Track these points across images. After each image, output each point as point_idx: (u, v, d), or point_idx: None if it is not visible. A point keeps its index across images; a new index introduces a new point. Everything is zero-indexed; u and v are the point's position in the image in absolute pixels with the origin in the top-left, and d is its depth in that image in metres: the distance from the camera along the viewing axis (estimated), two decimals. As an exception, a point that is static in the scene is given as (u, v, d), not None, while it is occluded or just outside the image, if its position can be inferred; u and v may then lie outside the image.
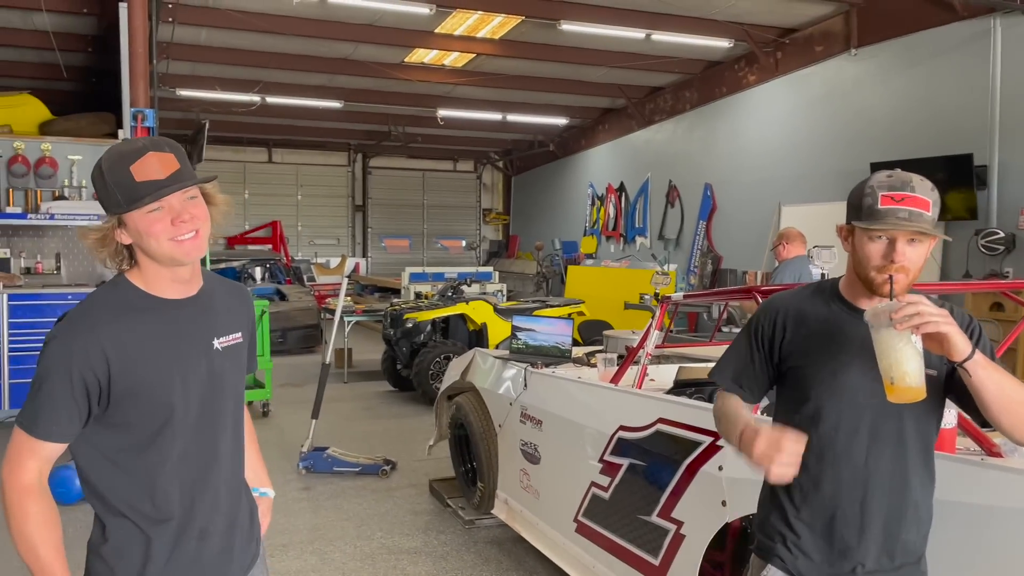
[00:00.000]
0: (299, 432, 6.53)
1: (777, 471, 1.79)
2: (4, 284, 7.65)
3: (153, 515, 1.78)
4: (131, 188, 1.68)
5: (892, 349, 1.73)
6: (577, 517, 3.85)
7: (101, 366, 1.68)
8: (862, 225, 1.86)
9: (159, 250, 1.72)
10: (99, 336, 1.68)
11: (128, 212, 1.70)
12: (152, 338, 1.74)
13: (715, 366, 2.18)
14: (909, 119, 10.07)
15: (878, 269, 1.86)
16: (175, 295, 1.81)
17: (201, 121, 13.71)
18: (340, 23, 11.40)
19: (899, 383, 1.73)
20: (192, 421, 1.80)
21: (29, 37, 11.01)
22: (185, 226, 1.71)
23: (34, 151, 8.23)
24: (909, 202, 1.82)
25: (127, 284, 1.78)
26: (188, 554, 1.81)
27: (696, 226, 14.45)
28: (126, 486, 1.77)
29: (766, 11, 11.05)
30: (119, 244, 1.75)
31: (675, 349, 5.20)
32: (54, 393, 1.68)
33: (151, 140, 1.74)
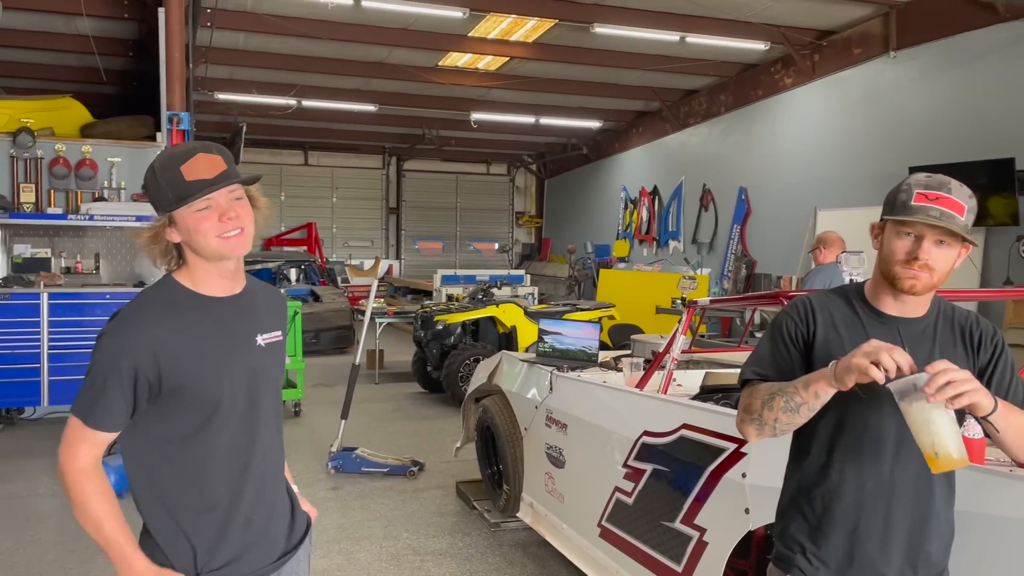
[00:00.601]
0: (329, 432, 6.59)
1: (896, 355, 1.65)
2: (45, 283, 7.82)
3: (200, 505, 1.86)
4: (181, 186, 1.78)
5: (929, 424, 1.66)
6: (601, 522, 3.83)
7: (151, 362, 1.77)
8: (892, 218, 1.84)
9: (207, 246, 1.81)
10: (149, 333, 1.78)
11: (178, 209, 1.80)
12: (199, 334, 1.84)
13: (745, 364, 2.06)
14: (949, 122, 9.88)
15: (902, 264, 1.83)
16: (221, 293, 1.90)
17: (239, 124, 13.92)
18: (375, 27, 11.50)
19: (944, 458, 1.67)
20: (237, 413, 1.88)
21: (71, 41, 11.26)
22: (231, 223, 1.81)
23: (75, 153, 8.42)
24: (943, 202, 1.79)
25: (175, 283, 1.88)
26: (234, 543, 1.89)
27: (730, 230, 14.32)
28: (176, 478, 1.85)
29: (803, 13, 10.92)
30: (169, 243, 1.85)
31: (704, 354, 5.15)
32: (107, 386, 1.77)
33: (201, 143, 1.85)
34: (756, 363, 2.01)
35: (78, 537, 4.89)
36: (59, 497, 5.67)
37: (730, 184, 14.35)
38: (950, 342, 1.93)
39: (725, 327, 11.84)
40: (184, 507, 1.85)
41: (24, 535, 4.99)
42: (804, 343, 1.96)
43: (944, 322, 1.95)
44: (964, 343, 1.94)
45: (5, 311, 7.57)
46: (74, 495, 1.79)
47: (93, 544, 1.85)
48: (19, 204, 8.15)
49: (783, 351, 1.97)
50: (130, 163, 8.56)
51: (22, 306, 7.63)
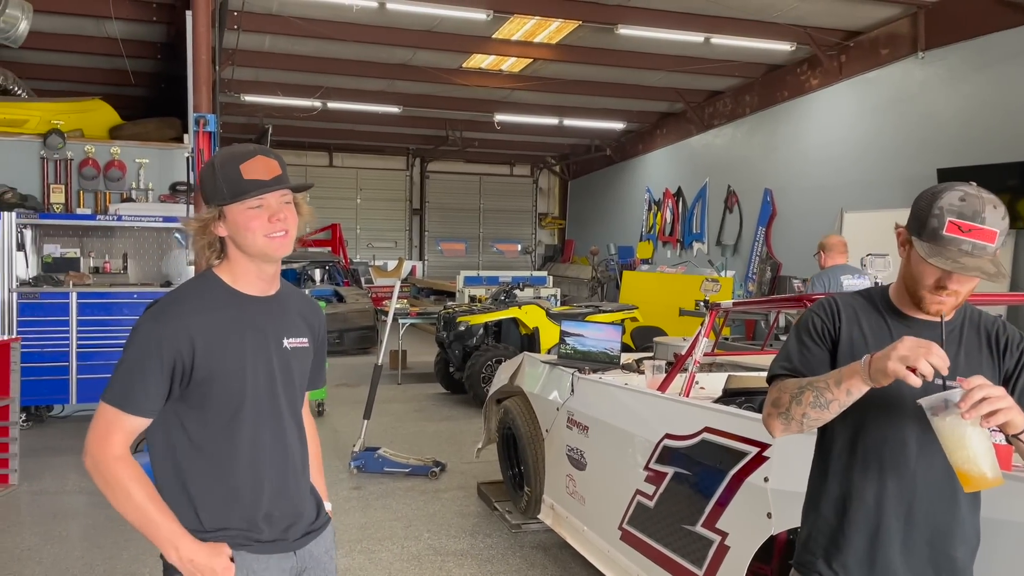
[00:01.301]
0: (352, 432, 6.62)
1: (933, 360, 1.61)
2: (74, 283, 7.94)
3: (227, 498, 1.89)
4: (238, 183, 1.86)
5: (964, 440, 1.63)
6: (622, 525, 3.82)
7: (187, 349, 1.82)
8: (921, 251, 1.78)
9: (253, 244, 1.88)
10: (187, 323, 1.84)
11: (231, 204, 1.87)
12: (231, 329, 1.89)
13: (772, 363, 2.02)
14: (979, 124, 9.74)
15: (929, 290, 1.81)
16: (257, 292, 1.96)
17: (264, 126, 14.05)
18: (399, 29, 11.56)
19: (979, 477, 1.64)
20: (261, 410, 1.93)
21: (101, 44, 11.44)
22: (279, 224, 1.88)
23: (104, 154, 8.54)
24: (975, 234, 1.74)
25: (215, 278, 1.95)
26: (258, 535, 1.92)
27: (755, 232, 14.22)
28: (201, 472, 1.89)
29: (829, 13, 10.82)
30: (215, 235, 1.92)
31: (727, 357, 5.12)
32: (145, 371, 1.82)
33: (261, 147, 1.94)
34: (784, 359, 1.99)
35: (105, 533, 4.95)
36: (86, 494, 5.75)
37: (755, 186, 14.25)
38: (976, 346, 1.91)
39: (749, 330, 11.75)
40: (208, 502, 1.89)
41: (52, 531, 5.07)
42: (831, 339, 1.94)
43: (970, 327, 1.93)
44: (990, 348, 1.92)
45: (35, 310, 7.70)
46: (112, 482, 1.80)
47: (119, 541, 1.87)
48: (49, 205, 8.28)
49: (811, 347, 1.95)
50: (158, 164, 8.67)
51: (51, 305, 7.76)
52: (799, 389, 1.82)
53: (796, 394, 1.82)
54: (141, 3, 10.14)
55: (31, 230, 8.15)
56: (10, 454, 5.92)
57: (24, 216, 7.83)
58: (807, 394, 1.79)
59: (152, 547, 1.92)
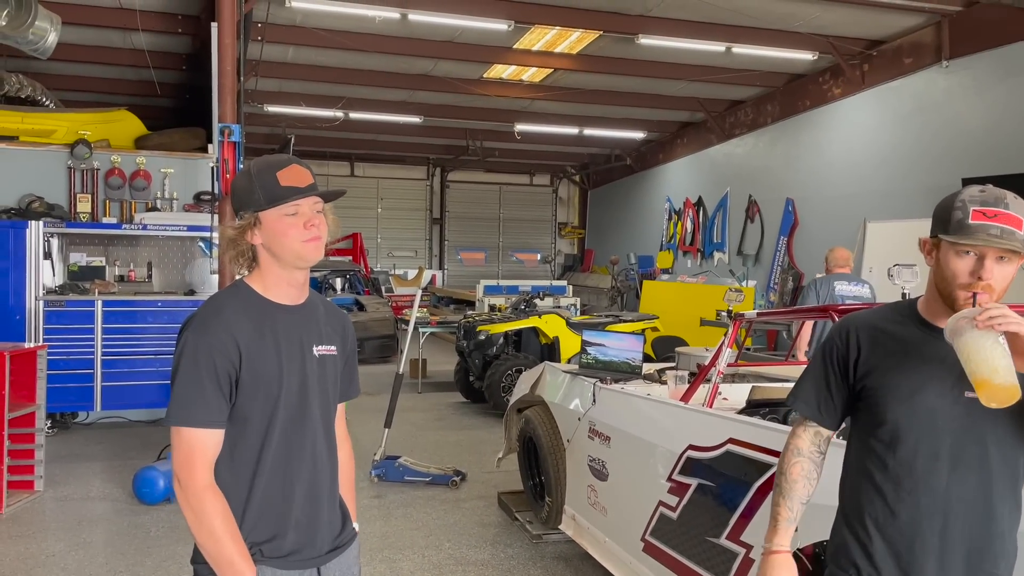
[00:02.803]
0: (372, 440, 6.63)
1: None
2: (99, 291, 8.03)
3: (259, 505, 1.92)
4: (275, 190, 1.92)
5: (979, 349, 1.66)
6: (645, 536, 3.79)
7: (236, 355, 1.88)
8: (950, 239, 1.78)
9: (290, 249, 1.93)
10: (231, 329, 1.89)
11: (267, 211, 1.92)
12: (268, 337, 1.94)
13: (792, 391, 2.12)
14: (1005, 133, 9.63)
15: (963, 287, 1.78)
16: (287, 301, 2.01)
17: (287, 136, 14.19)
18: (420, 40, 11.62)
19: (990, 380, 1.65)
20: (293, 416, 1.96)
21: (127, 56, 11.59)
22: (314, 230, 1.94)
23: (129, 164, 8.64)
24: (1002, 219, 1.74)
25: (247, 287, 2.00)
26: (288, 543, 1.95)
27: (777, 242, 14.12)
28: (234, 478, 1.91)
29: (852, 22, 10.76)
30: (249, 243, 1.96)
31: (750, 368, 5.08)
32: (202, 383, 1.85)
33: (295, 157, 2.00)
34: (798, 386, 2.10)
35: (129, 540, 4.99)
36: (111, 500, 5.81)
37: (777, 195, 14.16)
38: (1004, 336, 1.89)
39: (771, 340, 11.67)
40: (240, 507, 1.91)
41: (76, 537, 5.11)
42: (844, 366, 1.99)
43: None
44: None
45: (61, 318, 7.79)
46: (197, 514, 1.84)
47: (143, 548, 1.90)
48: (76, 214, 8.39)
49: (821, 377, 2.03)
50: (182, 174, 8.76)
51: (77, 313, 7.85)
52: (782, 476, 2.07)
53: (780, 470, 2.07)
54: (167, 15, 10.27)
55: (57, 239, 8.26)
56: (35, 460, 5.98)
57: (51, 225, 7.93)
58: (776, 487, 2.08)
59: (176, 554, 1.94)
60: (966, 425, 1.81)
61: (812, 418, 2.04)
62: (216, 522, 1.84)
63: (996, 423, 1.83)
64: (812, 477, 2.04)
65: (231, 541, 1.85)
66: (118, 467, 6.59)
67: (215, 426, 1.87)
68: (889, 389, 1.90)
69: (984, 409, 1.73)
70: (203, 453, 1.86)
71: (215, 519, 1.84)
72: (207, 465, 1.87)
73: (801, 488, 2.03)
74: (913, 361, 1.88)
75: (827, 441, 2.06)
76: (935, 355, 1.84)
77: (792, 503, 2.03)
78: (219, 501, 1.86)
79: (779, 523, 2.04)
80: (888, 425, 1.89)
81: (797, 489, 2.03)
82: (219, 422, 1.88)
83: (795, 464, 2.04)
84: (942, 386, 1.82)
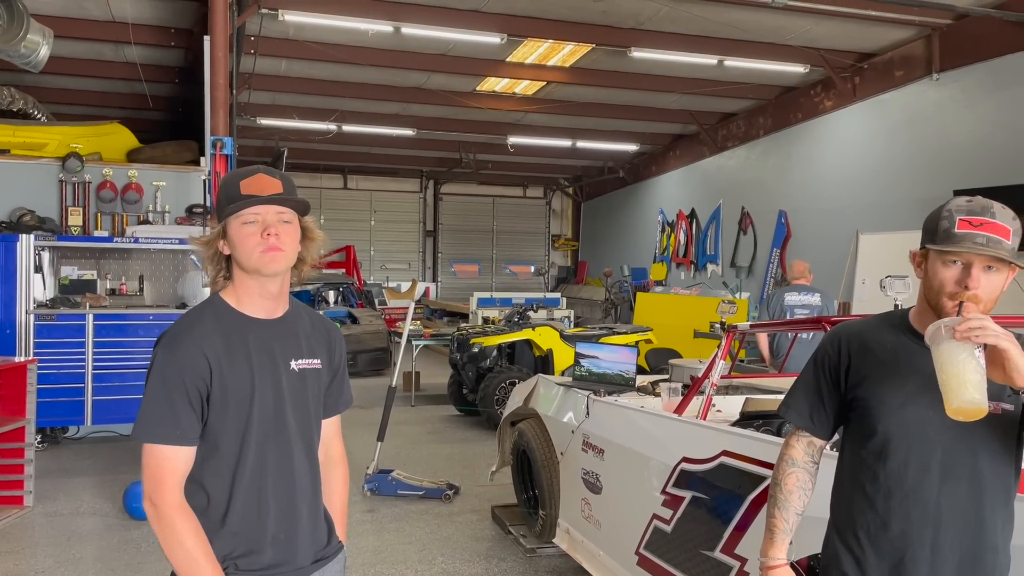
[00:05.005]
0: (365, 454, 6.59)
1: None
2: (90, 304, 7.99)
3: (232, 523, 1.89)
4: (233, 198, 1.90)
5: (953, 362, 1.66)
6: (639, 550, 3.77)
7: (206, 371, 1.85)
8: (936, 248, 1.79)
9: (248, 258, 1.90)
10: (200, 344, 1.86)
11: (228, 219, 1.91)
12: (238, 351, 1.90)
13: (784, 400, 2.12)
14: (995, 145, 9.69)
15: (950, 296, 1.78)
16: (262, 314, 1.97)
17: (280, 149, 14.18)
18: (413, 53, 11.66)
19: (959, 394, 1.66)
20: (268, 433, 1.92)
21: (120, 69, 11.60)
22: (271, 239, 1.88)
23: (121, 177, 8.61)
24: (988, 228, 1.75)
25: (220, 302, 1.97)
26: (264, 559, 1.92)
27: (770, 254, 14.16)
28: (209, 496, 1.89)
29: (843, 36, 10.84)
30: (219, 252, 1.95)
31: (743, 379, 5.07)
32: (172, 400, 1.83)
33: (267, 168, 1.96)
34: (790, 396, 2.10)
35: (118, 556, 4.94)
36: (100, 516, 5.75)
37: (769, 207, 14.21)
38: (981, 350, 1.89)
39: (764, 352, 11.63)
40: (215, 525, 1.88)
41: (66, 553, 5.06)
42: (835, 375, 1.99)
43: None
44: None
45: (52, 331, 7.74)
46: (168, 532, 1.82)
47: (132, 563, 1.88)
48: (67, 227, 8.35)
49: (814, 387, 2.03)
50: (175, 187, 8.74)
51: (68, 327, 7.79)
52: (777, 487, 2.06)
53: (775, 482, 2.07)
54: (160, 28, 10.29)
55: (49, 252, 8.22)
56: (25, 475, 5.93)
57: (42, 238, 7.89)
58: (771, 499, 2.07)
59: (166, 570, 1.91)
60: (957, 436, 1.81)
61: (805, 428, 2.04)
62: (188, 539, 1.81)
63: (987, 435, 1.82)
64: (807, 487, 2.04)
65: (204, 558, 1.82)
66: (109, 482, 6.53)
67: (185, 443, 1.85)
68: (880, 400, 1.89)
69: (975, 421, 1.72)
70: (173, 470, 1.84)
71: (186, 536, 1.81)
72: (177, 483, 1.84)
73: (796, 499, 2.02)
74: (904, 371, 1.88)
75: (820, 451, 2.06)
76: (925, 366, 1.84)
77: (788, 514, 2.02)
78: (190, 518, 1.83)
79: (775, 535, 2.03)
80: (879, 436, 1.89)
81: (792, 500, 2.02)
82: (189, 439, 1.85)
83: (790, 475, 2.03)
84: (933, 397, 1.82)
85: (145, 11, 9.84)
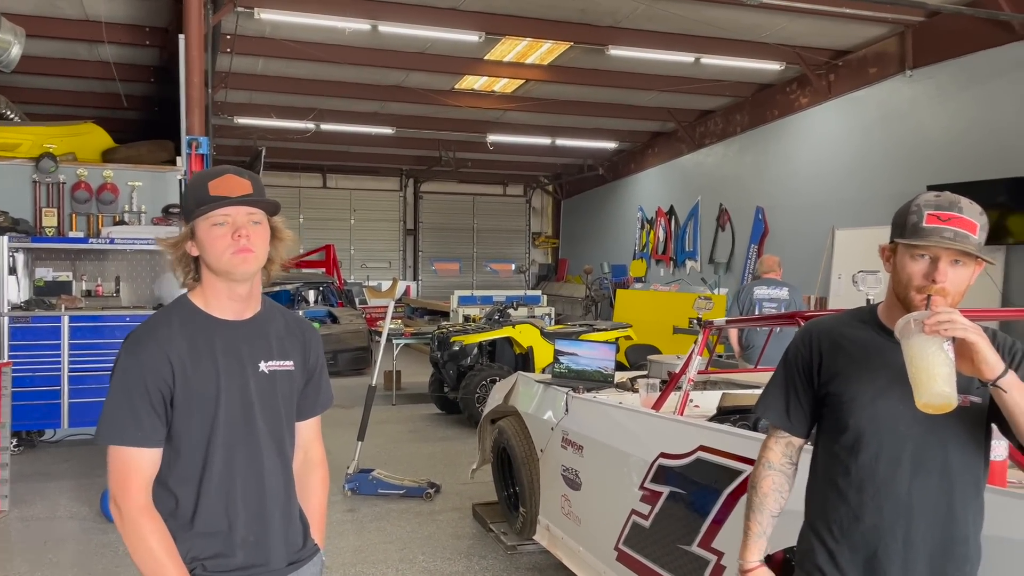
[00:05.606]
0: (346, 454, 6.58)
1: None
2: (66, 307, 7.90)
3: (200, 526, 1.88)
4: (202, 199, 1.87)
5: (923, 355, 1.69)
6: (618, 545, 3.79)
7: (168, 374, 1.84)
8: (904, 242, 1.81)
9: (218, 260, 1.87)
10: (164, 347, 1.85)
11: (196, 220, 1.88)
12: (205, 354, 1.89)
13: (759, 401, 2.13)
14: (968, 141, 9.82)
15: (918, 289, 1.80)
16: (231, 315, 1.95)
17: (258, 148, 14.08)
18: (392, 51, 11.62)
19: (928, 387, 1.68)
20: (235, 435, 1.90)
21: (94, 68, 11.47)
22: (242, 241, 1.86)
23: (96, 178, 8.52)
24: (955, 222, 1.78)
25: (188, 303, 1.95)
26: (236, 562, 1.91)
27: (747, 250, 14.26)
28: (177, 498, 1.88)
29: (818, 33, 10.92)
30: (187, 253, 1.93)
31: (721, 375, 5.11)
32: (133, 403, 1.82)
33: (236, 168, 1.94)
34: (765, 395, 2.11)
35: (96, 560, 4.90)
36: (78, 519, 5.70)
37: (747, 204, 14.31)
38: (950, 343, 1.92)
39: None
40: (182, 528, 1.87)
41: (42, 558, 5.01)
42: (808, 372, 2.00)
43: None
44: None
45: (27, 334, 7.65)
46: (132, 535, 1.81)
47: (110, 567, 1.88)
48: (41, 228, 8.25)
49: (787, 384, 2.05)
50: (151, 187, 8.66)
51: (43, 329, 7.70)
52: (753, 490, 2.08)
53: (752, 484, 2.08)
54: (134, 27, 10.19)
55: (23, 254, 8.12)
56: (0, 480, 5.86)
57: (16, 240, 7.79)
58: (749, 501, 2.09)
59: None
60: (927, 430, 1.83)
61: (782, 426, 2.05)
62: (152, 541, 1.80)
63: (956, 427, 1.85)
64: (783, 490, 2.05)
65: (168, 560, 1.81)
66: (86, 485, 6.48)
67: (149, 445, 1.83)
68: (851, 395, 1.92)
69: (944, 414, 1.75)
70: (138, 473, 1.83)
71: (151, 538, 1.80)
72: (143, 485, 1.83)
73: (772, 502, 2.04)
74: (874, 366, 1.91)
75: (799, 451, 2.07)
76: (895, 360, 1.86)
77: (763, 517, 2.05)
78: (155, 521, 1.82)
79: (750, 538, 2.06)
80: (850, 431, 1.91)
81: (768, 503, 2.04)
82: (153, 441, 1.84)
83: (766, 478, 2.05)
84: (903, 391, 1.84)
85: (119, 9, 9.74)
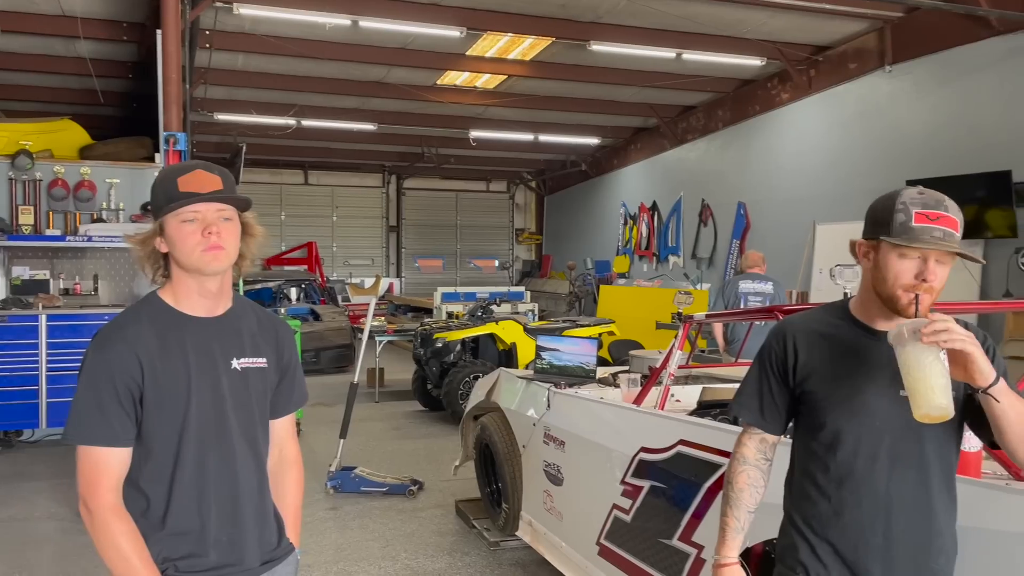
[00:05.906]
0: (328, 451, 6.56)
1: None
2: (43, 305, 7.82)
3: (171, 527, 1.86)
4: (172, 195, 1.85)
5: (919, 365, 1.68)
6: (600, 540, 3.80)
7: (137, 372, 1.82)
8: (895, 242, 1.79)
9: (188, 257, 1.85)
10: (132, 344, 1.83)
11: (165, 217, 1.86)
12: (175, 352, 1.86)
13: (734, 399, 2.14)
14: (946, 136, 9.90)
15: (906, 288, 1.80)
16: (201, 312, 1.93)
17: (238, 144, 14.00)
18: (373, 47, 11.56)
19: (926, 398, 1.67)
20: (207, 434, 1.88)
21: (70, 64, 11.33)
22: (212, 238, 1.84)
23: (73, 175, 8.42)
24: (943, 221, 1.78)
25: (157, 300, 1.93)
26: (208, 562, 1.89)
27: (729, 245, 14.33)
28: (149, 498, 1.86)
29: (798, 29, 10.97)
30: (156, 250, 1.90)
31: (702, 369, 5.13)
32: (101, 402, 1.80)
33: (205, 163, 1.92)
34: (740, 393, 2.11)
35: (75, 561, 4.86)
36: (56, 520, 5.65)
37: (729, 199, 14.37)
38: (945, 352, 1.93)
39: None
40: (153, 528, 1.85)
41: (20, 559, 4.96)
42: (783, 371, 2.00)
43: None
44: None
45: (4, 333, 7.56)
46: (101, 534, 1.79)
47: (90, 568, 1.86)
48: (18, 226, 8.15)
49: (763, 383, 2.04)
50: (128, 184, 8.57)
51: (21, 328, 7.62)
52: (729, 486, 2.08)
53: (728, 480, 2.09)
54: (111, 23, 10.07)
55: (-1, 252, 8.04)
56: (-23, 481, 5.80)
57: (-8, 238, 7.71)
58: (724, 498, 2.09)
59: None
60: (903, 424, 1.84)
61: (756, 424, 2.05)
62: (122, 541, 1.78)
63: None
64: (759, 485, 2.06)
65: (138, 561, 1.79)
66: (65, 485, 6.41)
67: (118, 444, 1.81)
68: (827, 392, 1.92)
69: None
70: (107, 472, 1.81)
71: (120, 539, 1.78)
72: (112, 485, 1.81)
73: (748, 497, 2.04)
74: (850, 363, 1.91)
75: (773, 447, 2.08)
76: (869, 356, 1.87)
77: (739, 512, 2.05)
78: (125, 521, 1.81)
79: (726, 533, 2.06)
80: (828, 428, 1.92)
81: (744, 498, 2.04)
82: (122, 440, 1.82)
83: (741, 473, 2.05)
84: (878, 386, 1.85)
85: (95, 5, 9.62)
